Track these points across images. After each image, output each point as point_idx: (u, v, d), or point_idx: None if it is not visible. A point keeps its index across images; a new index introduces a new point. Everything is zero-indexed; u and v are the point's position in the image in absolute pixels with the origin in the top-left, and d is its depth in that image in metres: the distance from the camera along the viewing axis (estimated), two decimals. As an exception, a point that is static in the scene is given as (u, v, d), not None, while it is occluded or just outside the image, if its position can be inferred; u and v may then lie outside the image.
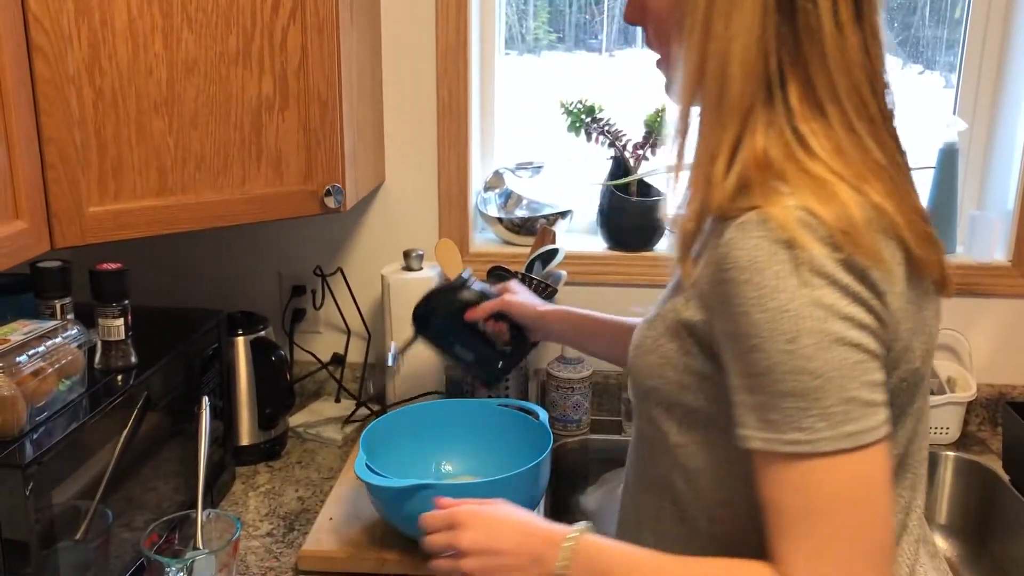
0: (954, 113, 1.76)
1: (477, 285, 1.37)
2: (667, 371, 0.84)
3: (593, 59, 1.88)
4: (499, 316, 1.35)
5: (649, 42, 0.90)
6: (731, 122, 0.77)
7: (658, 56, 0.90)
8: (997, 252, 1.71)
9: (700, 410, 0.83)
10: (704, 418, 0.83)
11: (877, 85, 0.79)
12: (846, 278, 0.71)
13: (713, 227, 0.77)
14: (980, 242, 1.69)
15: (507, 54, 1.85)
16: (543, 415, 1.38)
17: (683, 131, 0.80)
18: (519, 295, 1.36)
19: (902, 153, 0.82)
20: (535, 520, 0.90)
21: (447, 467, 1.39)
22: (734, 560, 0.78)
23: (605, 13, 1.91)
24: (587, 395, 1.68)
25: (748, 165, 0.76)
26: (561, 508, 1.59)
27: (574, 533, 0.85)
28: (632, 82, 1.83)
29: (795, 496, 0.73)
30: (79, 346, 1.09)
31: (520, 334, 1.36)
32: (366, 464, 1.21)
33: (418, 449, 1.39)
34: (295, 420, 1.70)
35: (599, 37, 1.91)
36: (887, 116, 0.81)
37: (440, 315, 1.36)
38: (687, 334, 0.81)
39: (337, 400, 1.79)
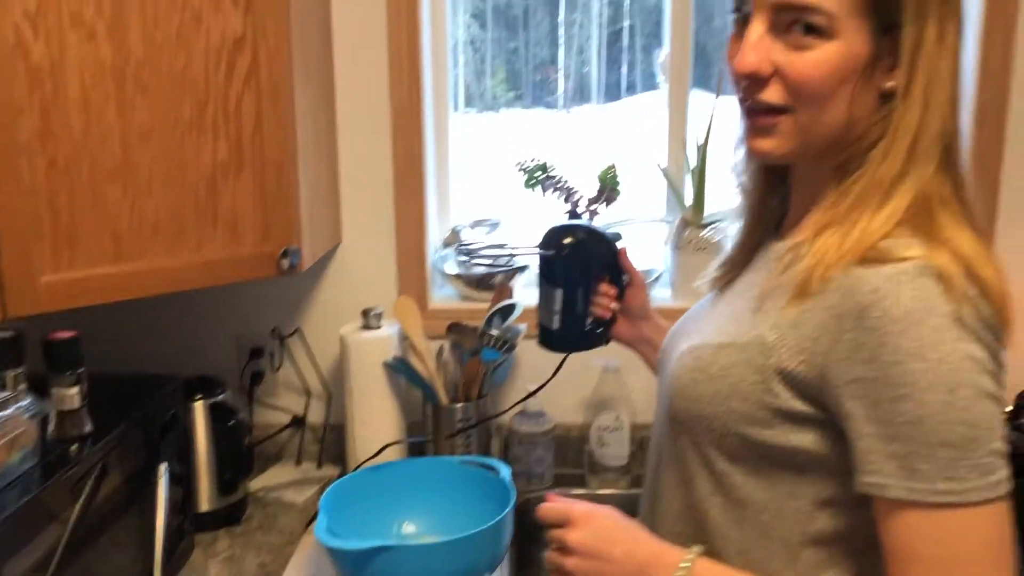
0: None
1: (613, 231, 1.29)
2: (733, 402, 0.84)
3: (550, 115, 1.93)
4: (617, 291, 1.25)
5: (773, 96, 0.84)
6: (918, 177, 0.80)
7: (780, 108, 0.85)
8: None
9: (762, 444, 0.84)
10: (761, 451, 0.84)
11: None
12: (988, 336, 0.75)
13: (843, 271, 0.79)
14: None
15: (466, 111, 1.88)
16: (505, 471, 1.38)
17: (895, 180, 0.81)
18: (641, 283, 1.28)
19: None
20: (647, 535, 0.90)
21: (408, 528, 1.38)
22: None
23: (561, 71, 1.96)
24: (550, 449, 1.68)
25: (911, 217, 0.79)
26: (525, 564, 1.58)
27: (690, 556, 0.86)
28: (587, 136, 1.88)
29: (936, 546, 0.74)
30: (31, 417, 1.08)
31: (610, 323, 1.27)
32: (327, 528, 1.19)
33: (380, 510, 1.37)
34: (255, 484, 1.68)
35: (556, 94, 1.96)
36: None
37: (593, 248, 1.22)
38: (774, 373, 0.82)
39: (298, 462, 1.77)
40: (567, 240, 1.22)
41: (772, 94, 0.84)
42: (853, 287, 0.77)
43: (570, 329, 1.24)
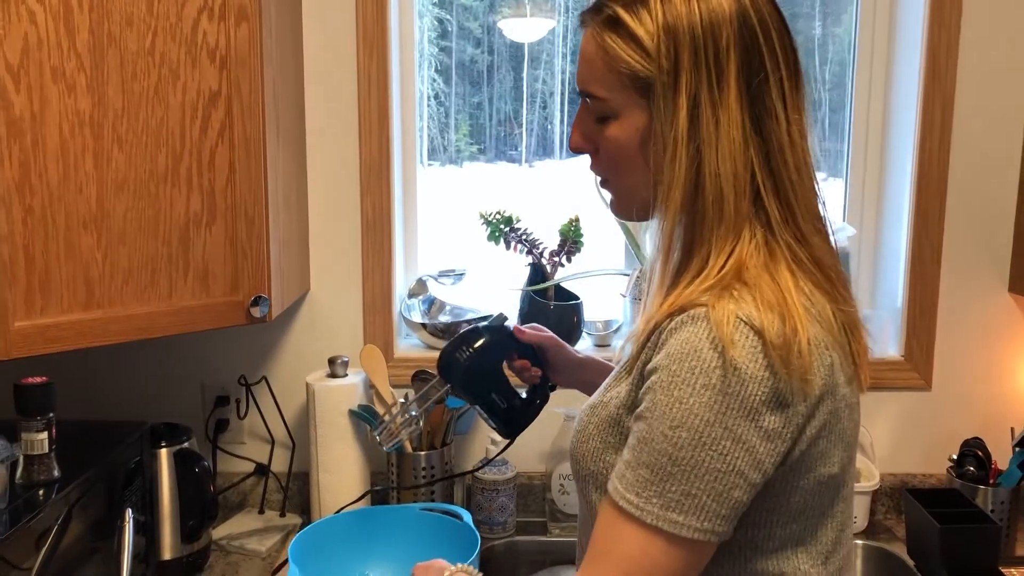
0: (844, 219, 1.91)
1: (499, 316, 1.25)
2: (607, 455, 0.89)
3: (513, 169, 1.99)
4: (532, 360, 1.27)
5: (596, 168, 0.96)
6: (728, 236, 0.85)
7: (603, 179, 0.96)
8: (890, 348, 1.84)
9: None
10: None
11: (817, 189, 0.89)
12: (755, 399, 0.78)
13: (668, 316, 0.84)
14: (874, 339, 1.81)
15: (430, 164, 1.93)
16: (467, 516, 1.41)
17: (670, 239, 0.87)
18: (550, 334, 1.30)
19: (836, 252, 0.92)
20: (440, 566, 1.00)
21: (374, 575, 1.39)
22: None
23: (524, 127, 2.02)
24: (512, 497, 1.71)
25: (728, 272, 0.84)
26: (489, 611, 1.60)
27: (452, 569, 0.97)
28: (550, 190, 1.94)
29: (605, 539, 0.82)
30: (1, 461, 1.09)
31: (544, 381, 1.28)
32: None
33: (345, 559, 1.39)
34: (219, 532, 1.68)
35: (519, 148, 2.02)
36: (824, 217, 0.90)
37: (484, 357, 1.20)
38: (627, 418, 0.87)
39: (261, 511, 1.78)
40: (453, 367, 1.21)
41: (594, 166, 0.96)
42: (661, 330, 0.84)
43: (510, 419, 1.25)
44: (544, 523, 1.76)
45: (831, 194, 1.93)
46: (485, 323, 1.24)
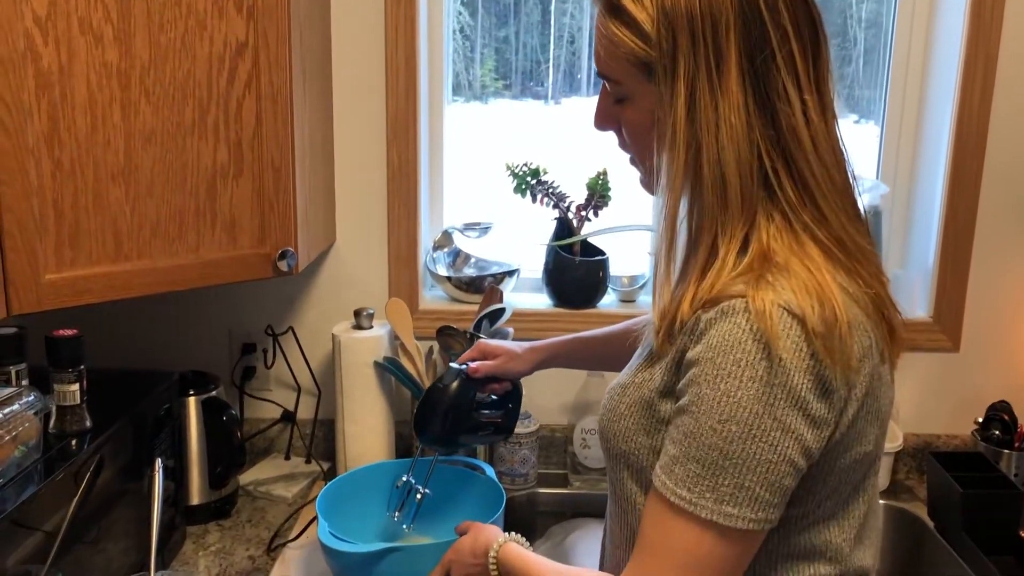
0: (877, 175, 1.87)
1: (451, 371, 1.29)
2: (639, 437, 0.89)
3: (539, 107, 1.95)
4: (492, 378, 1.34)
5: (623, 146, 0.96)
6: (738, 221, 0.83)
7: (631, 155, 0.96)
8: (919, 308, 1.82)
9: None
10: None
11: (844, 165, 0.87)
12: (802, 387, 0.78)
13: (701, 308, 0.83)
14: (903, 299, 1.78)
15: (454, 101, 1.90)
16: (489, 471, 1.42)
17: (673, 226, 0.86)
18: (496, 353, 1.33)
19: (866, 226, 0.90)
20: (488, 535, 1.07)
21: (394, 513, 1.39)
22: (586, 569, 0.94)
23: (551, 61, 1.98)
24: (534, 449, 1.72)
25: (754, 258, 0.82)
26: (509, 561, 1.62)
27: (501, 540, 1.03)
28: (577, 130, 1.90)
29: (656, 533, 0.82)
30: (36, 413, 1.11)
31: (514, 386, 1.37)
32: (329, 531, 1.23)
33: (371, 511, 1.41)
34: (245, 478, 1.72)
35: (545, 84, 1.98)
36: (853, 191, 0.88)
37: (447, 417, 1.27)
38: (660, 402, 0.87)
39: (287, 457, 1.81)
40: (437, 440, 1.28)
41: (621, 144, 0.96)
42: (698, 320, 0.82)
43: (500, 430, 1.35)
44: (565, 475, 1.78)
45: (865, 141, 1.89)
46: (440, 382, 1.28)
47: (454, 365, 1.30)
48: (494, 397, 1.34)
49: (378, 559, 1.19)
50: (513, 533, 1.05)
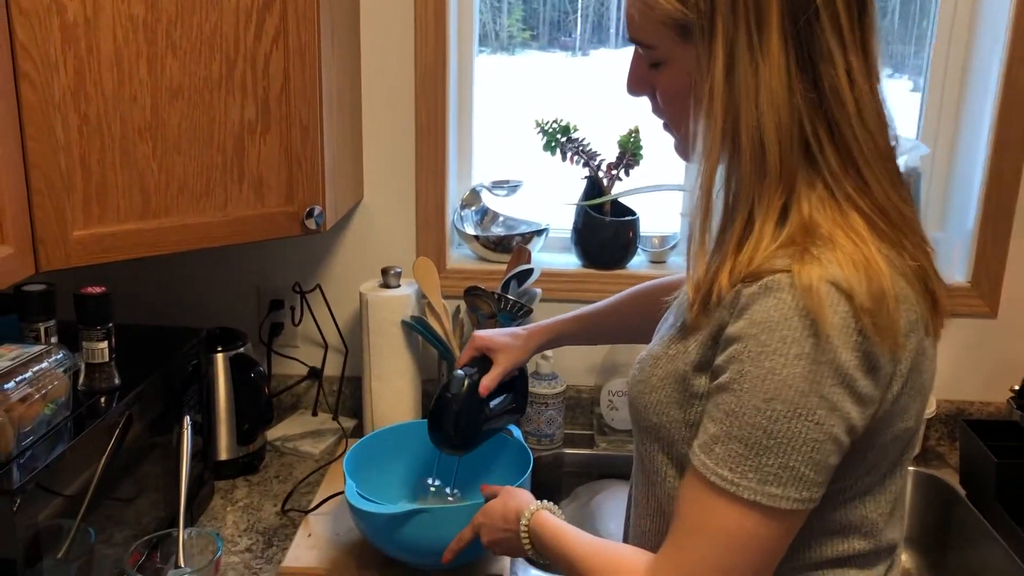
0: (917, 135, 1.82)
1: (455, 379, 1.29)
2: (671, 410, 0.88)
3: (567, 59, 1.91)
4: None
5: (657, 111, 0.92)
6: (776, 190, 0.80)
7: (664, 122, 0.92)
8: (957, 273, 1.78)
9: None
10: None
11: (887, 128, 0.83)
12: (849, 364, 0.75)
13: (741, 282, 0.80)
14: (941, 263, 1.74)
15: (480, 51, 1.86)
16: (516, 432, 1.42)
17: (709, 195, 0.83)
18: (493, 347, 1.32)
19: (909, 191, 0.86)
20: (518, 501, 1.08)
21: (433, 486, 1.40)
22: (621, 545, 0.94)
23: (579, 11, 1.93)
24: (560, 410, 1.71)
25: (795, 230, 0.79)
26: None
27: (533, 508, 1.03)
28: (606, 83, 1.86)
29: (696, 514, 0.80)
30: (64, 371, 1.11)
31: (521, 372, 1.37)
32: (357, 492, 1.23)
33: (397, 470, 1.41)
34: (273, 433, 1.73)
35: (573, 35, 1.94)
36: (895, 156, 0.85)
37: (458, 424, 1.27)
38: (695, 377, 0.85)
39: (314, 414, 1.82)
40: (458, 446, 1.29)
41: (655, 109, 0.92)
42: (738, 295, 0.80)
43: (515, 410, 1.36)
44: (591, 436, 1.78)
45: (897, 97, 1.83)
46: (448, 391, 1.27)
47: (457, 372, 1.30)
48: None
49: (405, 520, 1.19)
50: (545, 501, 1.04)
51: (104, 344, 1.20)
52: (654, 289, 1.30)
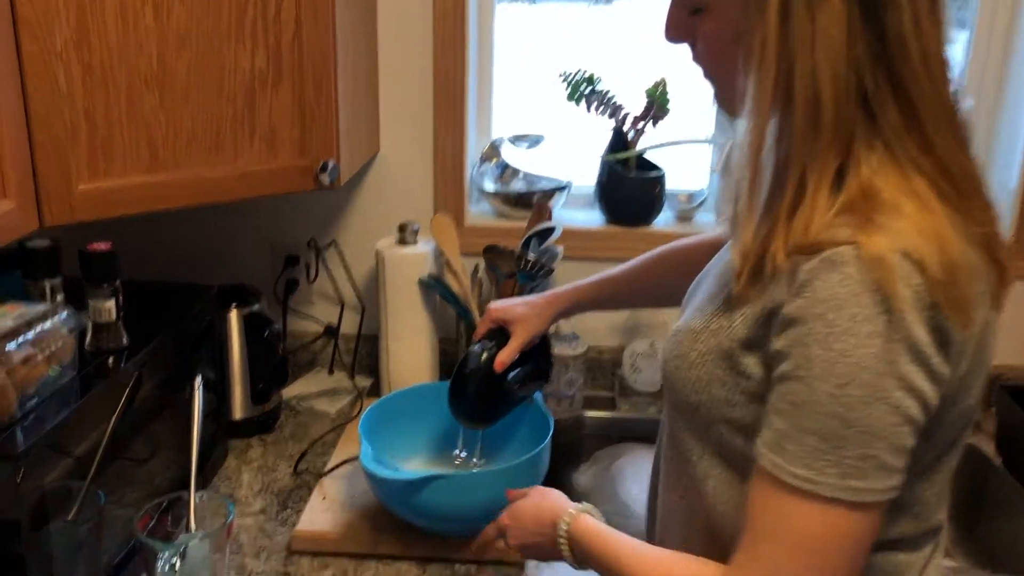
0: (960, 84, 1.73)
1: (472, 354, 1.25)
2: (713, 388, 0.82)
3: (588, 9, 1.83)
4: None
5: (697, 60, 0.85)
6: (831, 150, 0.73)
7: (705, 71, 0.85)
8: (997, 233, 1.70)
9: (747, 429, 0.80)
10: (748, 436, 0.80)
11: (950, 79, 0.76)
12: (923, 341, 0.69)
13: (796, 254, 0.74)
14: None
15: (500, 0, 1.79)
16: (537, 396, 1.38)
17: (758, 154, 0.76)
18: (509, 319, 1.27)
19: (971, 147, 0.79)
20: (553, 503, 0.99)
21: (459, 458, 1.36)
22: (693, 558, 0.83)
23: None
24: (581, 371, 1.67)
25: (854, 196, 0.73)
26: (555, 484, 1.58)
27: (572, 512, 0.94)
28: (629, 34, 1.79)
29: (771, 518, 0.74)
30: (70, 331, 1.08)
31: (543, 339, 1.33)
32: (372, 456, 1.20)
33: (414, 432, 1.38)
34: (289, 392, 1.70)
35: None
36: (959, 112, 0.77)
37: (479, 400, 1.25)
38: (743, 355, 0.79)
39: (330, 372, 1.78)
40: (481, 419, 1.27)
41: (695, 58, 0.85)
42: (798, 267, 0.73)
43: (539, 376, 1.32)
44: (612, 398, 1.73)
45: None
46: (465, 367, 1.23)
47: (474, 347, 1.25)
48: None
49: (422, 486, 1.16)
50: (584, 503, 0.97)
51: (111, 303, 1.17)
52: (680, 251, 1.25)
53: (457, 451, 1.33)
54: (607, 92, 1.72)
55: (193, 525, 1.19)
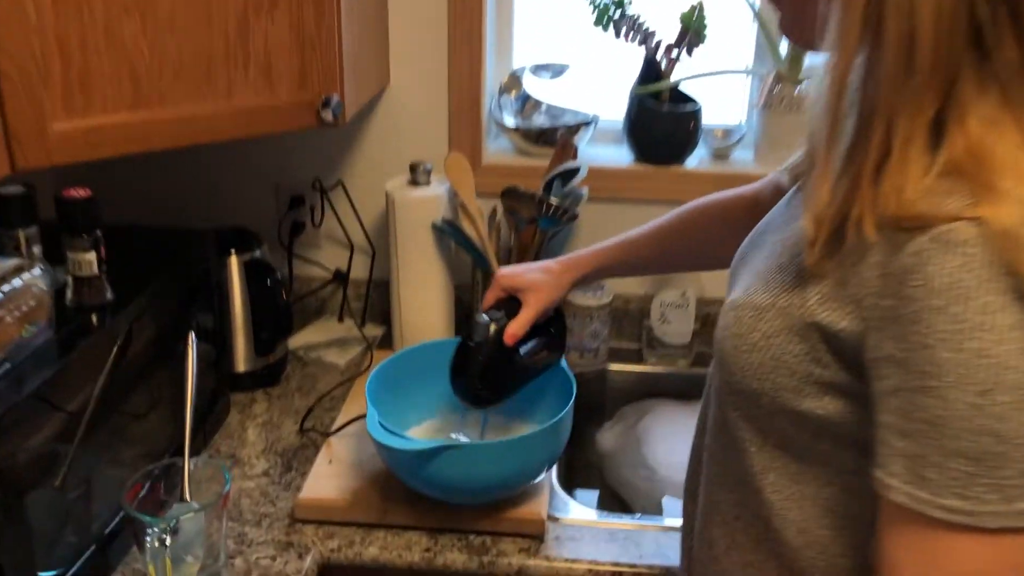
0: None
1: (479, 326, 1.13)
2: (780, 376, 0.70)
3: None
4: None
5: None
6: (925, 95, 0.60)
7: None
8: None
9: (816, 419, 0.70)
10: (817, 427, 0.70)
11: None
12: None
13: (891, 227, 0.62)
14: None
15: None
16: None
17: (840, 97, 0.63)
18: (520, 286, 1.15)
19: None
20: None
21: (457, 437, 1.26)
22: None
23: None
24: (606, 323, 1.56)
25: (959, 154, 0.60)
26: (577, 443, 1.50)
27: None
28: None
29: (923, 562, 0.61)
30: (45, 288, 0.98)
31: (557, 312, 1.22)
32: (379, 422, 1.11)
33: (425, 393, 1.28)
34: (295, 341, 1.60)
35: None
36: None
37: (486, 377, 1.14)
38: (820, 339, 0.68)
39: (340, 319, 1.69)
40: (487, 400, 1.16)
41: None
42: (898, 245, 0.60)
43: (553, 349, 1.21)
44: (639, 351, 1.63)
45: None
46: (470, 340, 1.13)
47: (481, 317, 1.13)
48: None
49: (433, 456, 1.07)
50: None
51: (91, 255, 1.06)
52: (715, 207, 1.12)
53: (455, 436, 1.23)
54: (638, 17, 1.57)
55: (188, 495, 1.10)
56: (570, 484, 1.46)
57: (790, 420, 0.71)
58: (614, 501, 1.46)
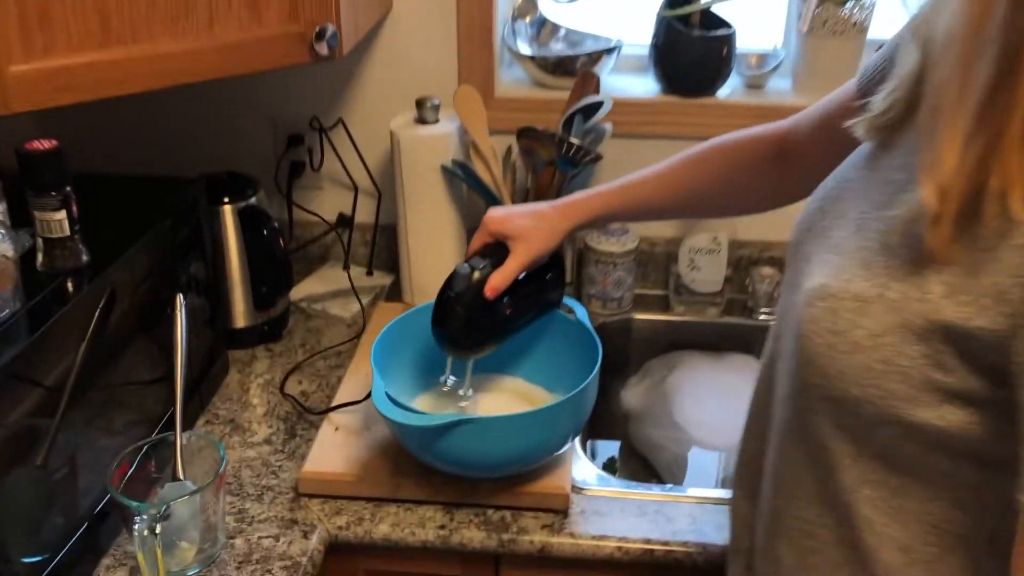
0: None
1: (459, 275, 1.04)
2: (890, 381, 0.60)
3: None
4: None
5: None
6: None
7: None
8: None
9: (930, 429, 0.60)
10: (929, 438, 0.61)
11: None
12: None
13: None
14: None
15: None
16: (580, 312, 1.17)
17: (978, 38, 0.52)
18: (510, 233, 1.05)
19: None
20: None
21: (446, 385, 1.15)
22: None
23: None
24: (631, 271, 1.45)
25: None
26: (600, 398, 1.41)
27: None
28: None
29: None
30: (10, 254, 0.87)
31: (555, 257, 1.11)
32: (386, 394, 1.01)
33: (437, 355, 1.17)
34: (298, 292, 1.50)
35: None
36: None
37: (469, 330, 1.05)
38: (943, 339, 0.57)
39: (345, 267, 1.58)
40: (455, 338, 1.05)
41: None
42: None
43: (551, 297, 1.13)
44: (666, 298, 1.52)
45: None
46: (451, 290, 1.04)
47: (462, 266, 1.04)
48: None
49: (444, 431, 0.97)
50: None
51: (61, 214, 0.95)
52: (734, 147, 1.00)
53: (443, 379, 1.13)
54: (665, -70, 1.42)
55: (181, 472, 1.02)
56: (591, 437, 1.37)
57: (898, 432, 0.61)
58: (634, 457, 1.37)
